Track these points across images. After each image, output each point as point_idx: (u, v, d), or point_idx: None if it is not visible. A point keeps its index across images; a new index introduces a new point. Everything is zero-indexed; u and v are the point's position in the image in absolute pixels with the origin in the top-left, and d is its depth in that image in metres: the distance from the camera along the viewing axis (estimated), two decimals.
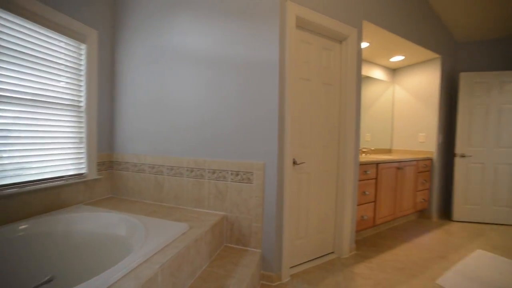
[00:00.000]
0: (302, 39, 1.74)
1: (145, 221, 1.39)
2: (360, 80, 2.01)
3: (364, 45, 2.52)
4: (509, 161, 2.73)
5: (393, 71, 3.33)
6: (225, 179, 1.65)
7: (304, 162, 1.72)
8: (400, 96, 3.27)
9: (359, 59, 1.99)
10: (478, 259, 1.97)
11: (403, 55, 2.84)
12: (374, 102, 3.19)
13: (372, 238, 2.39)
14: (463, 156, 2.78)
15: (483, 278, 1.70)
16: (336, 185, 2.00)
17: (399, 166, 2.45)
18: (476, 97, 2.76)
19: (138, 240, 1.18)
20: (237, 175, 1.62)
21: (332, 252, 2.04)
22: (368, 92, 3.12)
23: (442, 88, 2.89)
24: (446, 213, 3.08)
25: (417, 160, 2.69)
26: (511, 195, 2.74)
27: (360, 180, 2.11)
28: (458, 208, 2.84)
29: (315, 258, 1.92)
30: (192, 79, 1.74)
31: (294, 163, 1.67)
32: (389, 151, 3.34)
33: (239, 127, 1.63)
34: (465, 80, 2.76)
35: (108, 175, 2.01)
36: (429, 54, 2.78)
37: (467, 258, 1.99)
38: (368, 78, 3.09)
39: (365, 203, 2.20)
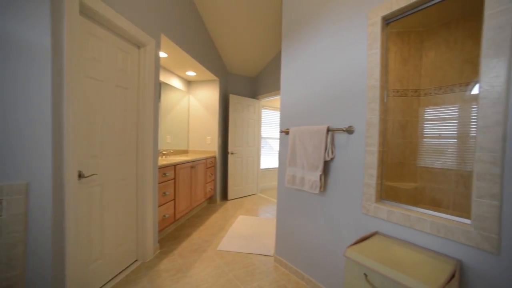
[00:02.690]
0: (91, 32, 1.49)
1: None
2: (158, 87, 2.14)
3: (163, 55, 2.70)
4: (253, 155, 4.39)
5: (189, 83, 3.90)
6: None
7: (95, 174, 1.50)
8: (193, 104, 3.91)
9: (157, 67, 2.12)
10: (239, 222, 2.97)
11: (195, 72, 3.43)
12: (174, 108, 3.52)
13: (175, 231, 2.66)
14: (232, 153, 3.99)
15: (242, 233, 2.61)
16: (136, 192, 1.98)
17: (193, 165, 2.96)
18: (237, 113, 4.07)
19: None
20: None
21: (136, 260, 1.99)
22: (169, 98, 3.37)
23: (220, 103, 3.91)
24: (225, 195, 4.23)
25: (206, 159, 3.41)
26: (252, 176, 4.43)
27: (160, 183, 2.26)
28: (231, 190, 4.04)
29: (118, 274, 1.77)
30: None
31: (81, 176, 1.40)
32: (186, 152, 3.86)
33: None
34: (232, 100, 3.97)
35: None
36: (212, 76, 3.62)
37: (234, 223, 2.93)
38: (169, 85, 3.34)
39: (166, 203, 2.39)
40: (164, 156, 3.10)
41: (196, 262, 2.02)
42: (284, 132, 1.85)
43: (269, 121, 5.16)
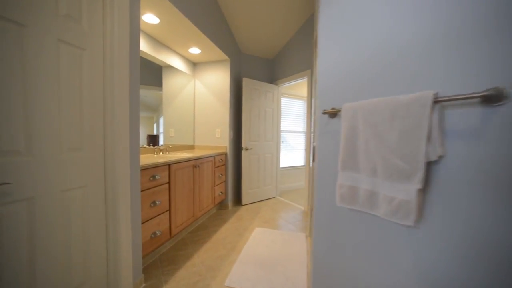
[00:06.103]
0: None
1: None
2: (138, 55, 1.50)
3: (153, 19, 2.05)
4: (271, 152, 3.67)
5: (194, 64, 3.25)
6: None
7: (7, 183, 0.88)
8: (200, 91, 3.25)
9: (136, 29, 1.47)
10: (256, 238, 2.28)
11: (200, 49, 2.76)
12: (177, 95, 2.90)
13: (170, 252, 2.04)
14: (246, 149, 3.29)
15: (259, 256, 1.91)
16: (105, 205, 1.35)
17: (196, 163, 2.31)
18: (252, 100, 3.36)
19: None
20: None
21: None
22: (171, 84, 2.77)
23: (232, 89, 3.22)
24: (238, 199, 3.56)
25: (214, 156, 2.75)
26: (271, 176, 3.71)
27: (145, 190, 1.63)
28: (245, 193, 3.36)
29: None
30: None
31: None
32: (192, 147, 3.24)
33: None
34: (246, 84, 3.26)
35: None
36: (221, 55, 2.94)
37: (249, 240, 2.24)
38: (170, 67, 2.73)
39: (156, 216, 1.76)
40: (161, 153, 2.49)
41: None
42: (329, 113, 1.11)
43: (287, 111, 4.39)
